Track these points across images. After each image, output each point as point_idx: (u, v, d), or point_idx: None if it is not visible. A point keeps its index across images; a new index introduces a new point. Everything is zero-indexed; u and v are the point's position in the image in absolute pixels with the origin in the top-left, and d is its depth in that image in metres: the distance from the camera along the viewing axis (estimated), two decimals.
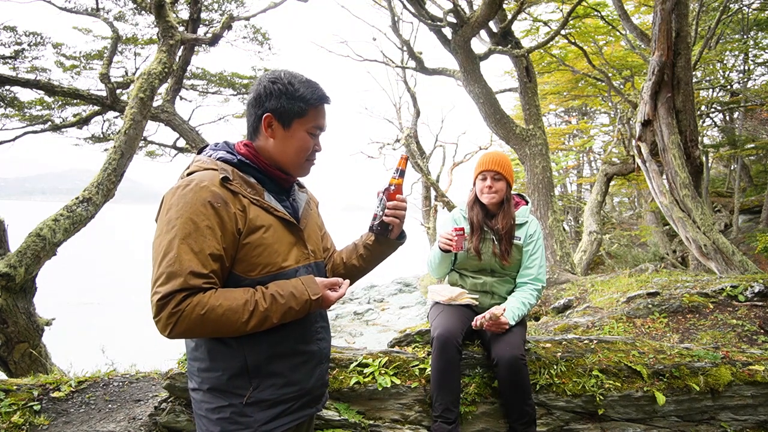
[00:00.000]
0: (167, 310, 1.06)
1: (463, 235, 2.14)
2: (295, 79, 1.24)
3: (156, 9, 6.27)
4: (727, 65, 13.95)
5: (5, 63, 9.01)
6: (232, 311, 1.10)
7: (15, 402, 2.43)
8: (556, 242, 7.53)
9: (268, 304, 1.15)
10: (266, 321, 1.15)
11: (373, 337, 10.52)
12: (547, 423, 2.29)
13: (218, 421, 1.19)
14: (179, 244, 1.08)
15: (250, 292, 1.15)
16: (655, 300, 3.86)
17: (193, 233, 1.09)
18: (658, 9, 5.50)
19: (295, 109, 1.23)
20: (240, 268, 1.18)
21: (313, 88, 1.26)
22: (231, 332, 1.13)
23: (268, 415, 1.21)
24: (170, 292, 1.06)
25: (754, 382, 2.40)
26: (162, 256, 1.08)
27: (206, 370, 1.21)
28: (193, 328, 1.08)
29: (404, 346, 2.57)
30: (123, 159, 5.67)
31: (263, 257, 1.20)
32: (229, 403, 1.19)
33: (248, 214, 1.18)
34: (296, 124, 1.25)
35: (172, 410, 2.19)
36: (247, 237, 1.17)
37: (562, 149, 18.42)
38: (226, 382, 1.19)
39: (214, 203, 1.12)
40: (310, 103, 1.25)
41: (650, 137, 5.73)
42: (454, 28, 6.91)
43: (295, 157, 1.28)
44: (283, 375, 1.24)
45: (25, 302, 4.72)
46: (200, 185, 1.13)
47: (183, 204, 1.11)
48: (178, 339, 1.15)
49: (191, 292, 1.08)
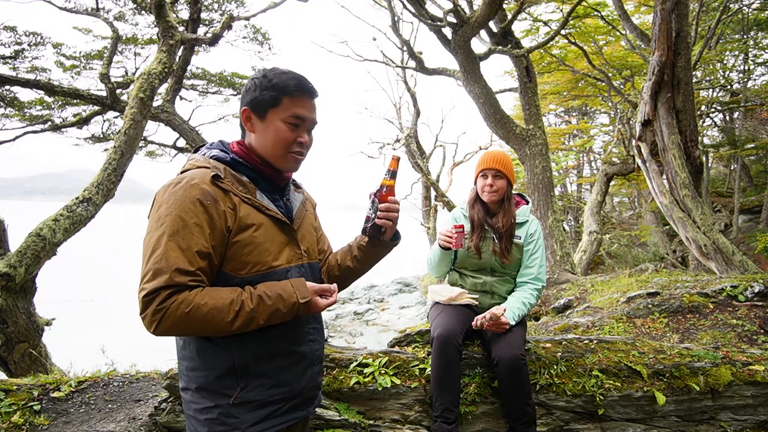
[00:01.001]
0: (152, 307, 1.05)
1: (463, 232, 2.15)
2: (272, 72, 1.23)
3: (156, 9, 6.27)
4: (727, 65, 13.95)
5: (5, 63, 9.01)
6: (218, 310, 1.09)
7: (15, 402, 2.43)
8: (556, 242, 7.53)
9: (255, 304, 1.13)
10: (252, 322, 1.13)
11: (373, 337, 10.52)
12: (547, 423, 2.29)
13: (206, 421, 1.17)
14: (167, 241, 1.07)
15: (237, 292, 1.14)
16: (655, 300, 3.86)
17: (181, 230, 1.09)
18: (658, 9, 5.50)
19: (267, 98, 1.22)
20: (229, 267, 1.17)
21: (290, 77, 1.23)
22: (216, 331, 1.12)
23: (256, 416, 1.19)
24: (155, 288, 1.05)
25: (754, 382, 2.41)
26: (150, 252, 1.08)
27: (194, 369, 1.20)
28: (177, 325, 1.07)
29: (404, 346, 2.57)
30: (123, 159, 5.67)
31: (253, 256, 1.19)
32: (216, 404, 1.17)
33: (238, 212, 1.17)
34: (271, 114, 1.23)
35: (172, 410, 2.19)
36: (237, 235, 1.17)
37: (562, 149, 18.42)
38: (213, 381, 1.18)
39: (203, 200, 1.11)
40: (284, 92, 1.22)
41: (650, 137, 5.73)
42: (454, 28, 6.90)
43: (274, 149, 1.25)
44: (271, 376, 1.22)
45: (25, 302, 4.72)
46: (191, 183, 1.13)
47: (173, 201, 1.10)
48: (165, 336, 1.14)
49: (176, 290, 1.07)
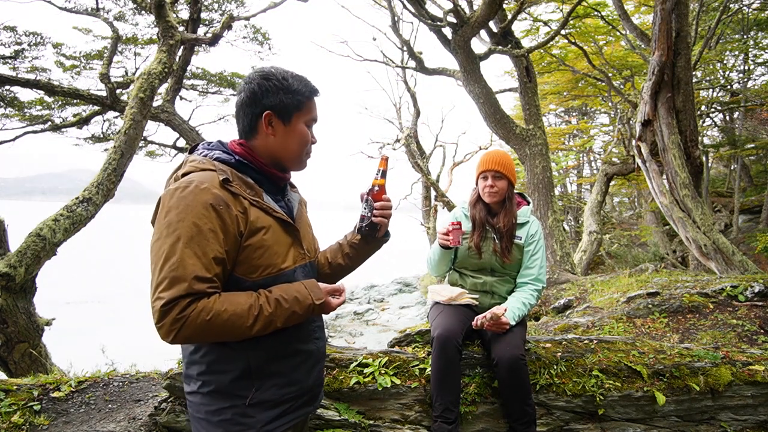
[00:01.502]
0: (171, 316, 1.03)
1: (460, 229, 2.16)
2: (287, 74, 1.25)
3: (156, 9, 6.27)
4: (727, 65, 13.95)
5: (5, 63, 9.01)
6: (237, 316, 1.09)
7: (15, 402, 2.42)
8: (556, 242, 7.53)
9: (273, 308, 1.14)
10: (270, 325, 1.15)
11: (373, 337, 10.52)
12: (547, 423, 2.29)
13: (221, 422, 1.18)
14: (182, 248, 1.05)
15: (254, 297, 1.14)
16: (655, 300, 3.86)
17: (196, 237, 1.07)
18: (658, 9, 5.50)
19: (294, 103, 1.24)
20: (241, 271, 1.17)
21: (304, 81, 1.28)
22: (235, 337, 1.12)
23: (270, 416, 1.21)
24: (174, 297, 1.03)
25: (754, 382, 2.41)
26: (163, 260, 1.06)
27: (207, 374, 1.19)
28: (197, 333, 1.06)
29: (404, 346, 2.57)
30: (123, 159, 5.67)
31: (264, 259, 1.19)
32: (231, 405, 1.18)
33: (249, 215, 1.17)
34: (295, 118, 1.26)
35: (172, 410, 2.19)
36: (249, 239, 1.16)
37: (562, 149, 18.42)
38: (228, 384, 1.18)
39: (216, 206, 1.10)
40: (305, 95, 1.27)
41: (650, 137, 5.73)
42: (454, 28, 6.90)
43: (298, 151, 1.29)
44: (284, 375, 1.24)
45: (25, 302, 4.72)
46: (200, 187, 1.10)
47: (184, 206, 1.08)
48: (181, 344, 1.14)
49: (196, 298, 1.06)
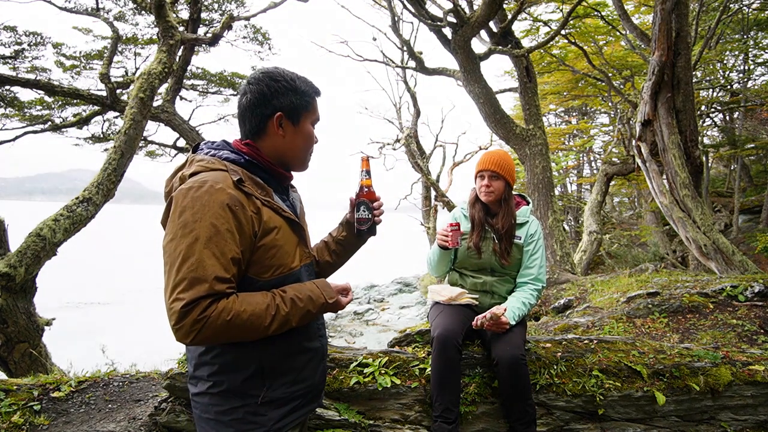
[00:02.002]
0: (191, 317, 1.02)
1: (459, 230, 2.17)
2: (294, 75, 1.28)
3: (156, 9, 6.27)
4: (727, 65, 13.95)
5: (5, 63, 9.02)
6: (256, 316, 1.10)
7: (15, 402, 2.43)
8: (556, 242, 7.53)
9: (289, 308, 1.17)
10: (286, 324, 1.17)
11: (373, 337, 10.51)
12: (547, 423, 2.29)
13: (231, 422, 1.18)
14: (202, 248, 1.05)
15: (270, 296, 1.16)
16: (655, 300, 3.86)
17: (215, 237, 1.06)
18: (658, 9, 5.50)
19: (303, 104, 1.27)
20: (253, 271, 1.17)
21: (309, 81, 1.31)
22: (253, 337, 1.13)
23: (280, 413, 1.23)
24: (195, 298, 1.03)
25: (754, 382, 2.41)
26: (181, 260, 1.05)
27: (219, 374, 1.19)
28: (217, 334, 1.06)
29: (404, 346, 2.57)
30: (123, 159, 5.67)
31: (276, 259, 1.21)
32: (243, 404, 1.19)
33: (262, 216, 1.18)
34: (303, 118, 1.28)
35: (172, 410, 2.19)
36: (262, 239, 1.17)
37: (562, 149, 18.42)
38: (241, 384, 1.19)
39: (232, 206, 1.10)
40: (312, 96, 1.30)
41: (650, 137, 5.73)
42: (454, 28, 6.90)
43: (304, 151, 1.31)
44: (293, 373, 1.27)
45: (25, 302, 4.72)
46: (215, 187, 1.10)
47: (199, 207, 1.07)
48: (199, 345, 1.14)
49: (216, 298, 1.05)
